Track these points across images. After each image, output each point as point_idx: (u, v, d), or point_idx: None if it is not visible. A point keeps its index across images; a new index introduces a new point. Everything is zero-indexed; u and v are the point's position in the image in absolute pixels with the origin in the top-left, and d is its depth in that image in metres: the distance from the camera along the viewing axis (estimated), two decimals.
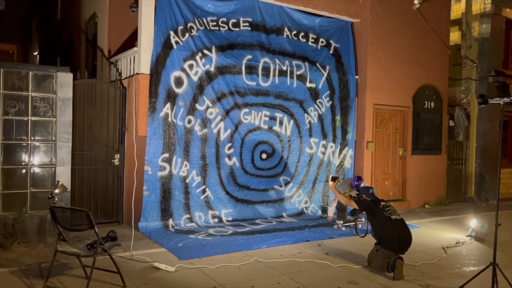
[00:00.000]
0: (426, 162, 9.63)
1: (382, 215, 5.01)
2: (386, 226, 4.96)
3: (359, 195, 5.45)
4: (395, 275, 4.62)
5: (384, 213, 5.02)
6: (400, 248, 4.91)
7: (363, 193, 5.42)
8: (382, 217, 5.00)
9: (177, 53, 6.77)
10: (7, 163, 5.54)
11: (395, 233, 4.90)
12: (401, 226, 4.99)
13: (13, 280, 4.32)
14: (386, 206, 5.11)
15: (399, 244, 4.90)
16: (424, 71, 9.53)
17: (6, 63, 5.82)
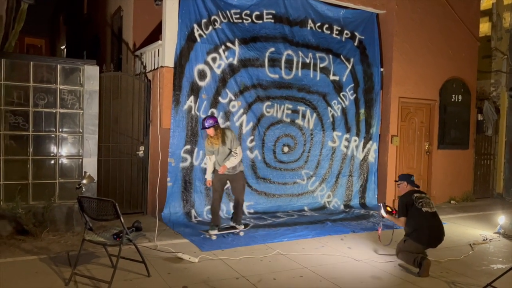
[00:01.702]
0: (453, 157, 9.40)
1: (413, 206, 4.90)
2: (415, 218, 4.85)
3: (399, 182, 5.24)
4: (420, 272, 4.55)
5: (416, 204, 4.90)
6: (429, 242, 4.81)
7: (404, 179, 5.20)
8: (414, 208, 4.89)
9: (201, 46, 6.80)
10: (36, 154, 5.71)
11: (424, 226, 4.78)
12: (432, 219, 4.86)
13: (43, 267, 4.47)
14: (419, 197, 4.97)
15: (429, 238, 4.78)
16: (452, 63, 9.26)
17: (35, 56, 5.99)
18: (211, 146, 5.79)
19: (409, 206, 4.94)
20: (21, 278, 4.13)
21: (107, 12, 10.42)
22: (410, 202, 4.95)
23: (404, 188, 5.17)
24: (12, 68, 5.61)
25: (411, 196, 5.00)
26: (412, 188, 5.14)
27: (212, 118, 5.69)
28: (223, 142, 5.72)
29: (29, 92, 5.64)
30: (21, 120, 5.59)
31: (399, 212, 5.03)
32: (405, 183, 5.18)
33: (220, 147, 5.75)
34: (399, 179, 5.30)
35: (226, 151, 5.79)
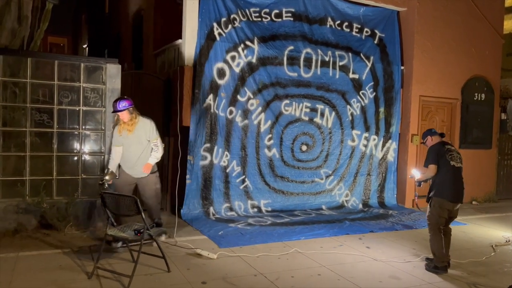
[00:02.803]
0: (475, 156, 9.22)
1: (444, 157, 4.83)
2: (442, 170, 4.80)
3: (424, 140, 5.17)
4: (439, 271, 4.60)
5: (446, 156, 4.83)
6: (451, 196, 4.75)
7: (427, 134, 5.13)
8: (443, 160, 4.82)
9: (220, 44, 6.85)
10: (60, 150, 5.85)
11: (450, 181, 4.75)
12: (458, 174, 4.85)
13: (66, 260, 4.59)
14: (449, 150, 4.90)
15: (451, 191, 4.75)
16: (475, 61, 9.08)
17: (60, 55, 6.13)
18: (121, 135, 4.96)
19: (440, 156, 4.86)
20: (47, 271, 4.26)
21: (128, 12, 10.58)
22: (441, 152, 4.87)
23: (430, 142, 5.08)
24: (38, 67, 5.76)
25: (442, 147, 4.92)
26: (440, 139, 5.04)
27: (126, 100, 4.94)
28: (138, 130, 4.91)
29: (53, 90, 5.78)
30: (46, 118, 5.74)
31: (429, 160, 4.91)
32: (429, 137, 5.09)
33: (134, 137, 4.95)
34: (422, 138, 5.23)
35: (141, 143, 4.94)
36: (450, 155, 4.85)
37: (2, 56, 5.55)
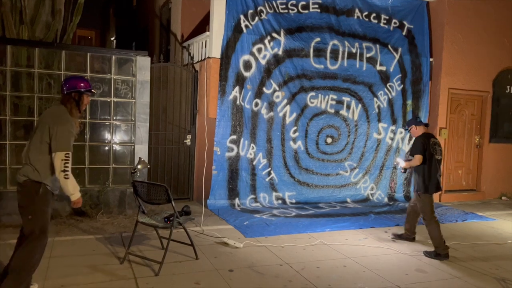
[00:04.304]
0: (506, 151, 8.99)
1: (428, 150, 5.03)
2: (428, 163, 5.01)
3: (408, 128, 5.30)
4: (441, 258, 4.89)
5: (431, 149, 5.03)
6: (435, 188, 5.03)
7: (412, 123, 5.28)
8: (428, 153, 5.03)
9: (247, 37, 6.89)
10: (92, 140, 6.06)
11: (434, 174, 5.01)
12: (439, 166, 5.10)
13: (99, 246, 4.78)
14: (434, 143, 5.10)
15: (435, 185, 5.02)
16: (507, 53, 8.81)
17: (92, 47, 6.31)
18: None
19: (426, 148, 5.05)
20: (80, 255, 4.45)
21: (156, 4, 10.73)
22: (427, 145, 5.06)
23: (415, 131, 5.23)
24: (71, 59, 5.96)
25: (428, 139, 5.11)
26: (425, 130, 5.24)
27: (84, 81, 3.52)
28: None
29: None
30: None
31: (417, 150, 5.05)
32: (414, 127, 5.24)
33: None
34: (407, 125, 5.36)
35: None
36: (434, 149, 5.04)
37: (38, 49, 5.76)
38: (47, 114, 3.42)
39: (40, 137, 3.27)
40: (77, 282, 3.78)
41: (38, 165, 3.25)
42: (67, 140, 3.26)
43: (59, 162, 3.21)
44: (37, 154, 3.27)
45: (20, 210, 3.29)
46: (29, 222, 3.25)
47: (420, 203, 5.12)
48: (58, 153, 3.21)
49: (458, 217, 7.04)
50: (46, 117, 3.35)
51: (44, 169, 3.26)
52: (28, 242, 3.26)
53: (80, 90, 3.43)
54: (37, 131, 3.32)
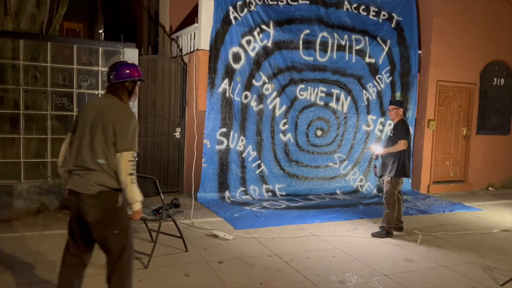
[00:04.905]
0: (492, 142, 9.11)
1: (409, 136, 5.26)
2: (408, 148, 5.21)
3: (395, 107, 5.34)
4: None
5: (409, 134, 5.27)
6: (408, 173, 5.29)
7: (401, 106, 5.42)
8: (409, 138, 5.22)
9: (236, 28, 6.85)
10: None
11: (409, 158, 5.25)
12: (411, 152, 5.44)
13: None
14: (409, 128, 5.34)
15: (408, 169, 5.28)
16: (495, 46, 8.89)
17: (78, 39, 6.25)
18: None
19: (409, 133, 5.26)
20: None
21: None
22: (408, 130, 5.28)
23: (398, 114, 5.33)
24: (57, 51, 5.87)
25: (408, 125, 5.35)
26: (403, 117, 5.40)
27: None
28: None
29: (73, 74, 5.90)
30: (66, 101, 5.87)
31: (402, 135, 5.18)
32: (400, 109, 5.35)
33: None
34: (395, 104, 5.41)
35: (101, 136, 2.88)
36: (409, 134, 5.29)
37: (23, 41, 5.66)
38: (103, 109, 2.79)
39: (104, 136, 2.72)
40: None
41: (112, 171, 2.74)
42: (135, 138, 2.78)
43: (126, 164, 2.69)
44: (107, 157, 2.73)
45: (97, 227, 2.76)
46: (117, 237, 2.79)
47: (388, 186, 5.22)
48: (125, 153, 2.70)
49: (446, 207, 7.14)
50: (105, 112, 2.76)
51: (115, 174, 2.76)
52: (124, 259, 2.83)
53: (134, 78, 2.91)
54: (96, 130, 2.73)
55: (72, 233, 2.88)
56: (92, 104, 2.92)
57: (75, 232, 2.87)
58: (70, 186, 2.77)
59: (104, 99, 2.94)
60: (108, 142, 2.72)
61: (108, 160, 2.73)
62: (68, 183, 2.80)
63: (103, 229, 2.77)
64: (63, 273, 2.90)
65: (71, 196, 2.79)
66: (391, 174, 5.20)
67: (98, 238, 2.80)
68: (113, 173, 2.74)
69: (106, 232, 2.77)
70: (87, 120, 2.79)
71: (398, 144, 5.15)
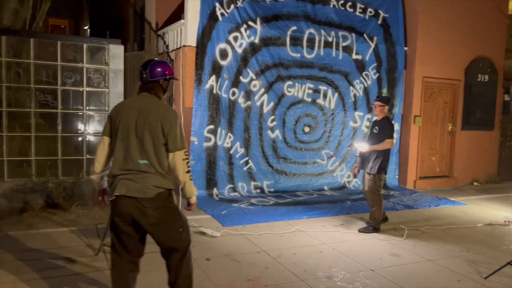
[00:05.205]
0: (477, 138, 9.24)
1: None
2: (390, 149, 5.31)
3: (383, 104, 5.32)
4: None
5: None
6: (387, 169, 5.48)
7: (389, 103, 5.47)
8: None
9: (222, 25, 6.82)
10: (65, 131, 5.91)
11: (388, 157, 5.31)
12: None
13: (73, 238, 4.70)
14: None
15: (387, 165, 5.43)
16: (479, 42, 9.01)
17: (62, 36, 6.16)
18: None
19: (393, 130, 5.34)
20: (54, 248, 4.36)
21: None
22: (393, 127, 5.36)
23: (383, 111, 5.34)
24: (40, 48, 5.78)
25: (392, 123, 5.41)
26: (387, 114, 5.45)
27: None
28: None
29: (57, 71, 5.81)
30: (50, 98, 5.79)
31: (389, 134, 5.23)
32: (386, 106, 5.37)
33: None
34: (383, 101, 5.37)
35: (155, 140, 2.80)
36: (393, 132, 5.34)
37: (5, 37, 5.56)
38: (146, 109, 2.71)
39: (152, 137, 2.67)
40: (51, 275, 3.71)
41: (164, 171, 2.71)
42: (183, 135, 2.77)
43: (182, 163, 2.70)
44: (160, 158, 2.69)
45: (159, 229, 2.73)
46: (181, 235, 2.81)
47: (370, 183, 5.24)
48: (177, 153, 2.69)
49: (432, 202, 7.23)
50: (149, 113, 2.69)
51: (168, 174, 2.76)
52: (187, 256, 2.88)
53: (166, 77, 2.86)
54: (144, 132, 2.66)
55: (121, 240, 2.80)
56: (130, 105, 2.79)
57: (127, 238, 2.78)
58: (122, 192, 2.64)
59: (142, 98, 2.82)
60: (157, 143, 2.68)
61: (160, 161, 2.69)
62: (117, 188, 2.65)
63: (167, 229, 2.76)
64: (121, 282, 2.87)
65: (121, 201, 2.67)
66: (372, 171, 5.20)
67: (162, 239, 2.79)
68: (166, 174, 2.72)
69: (170, 232, 2.77)
70: (129, 122, 2.69)
71: (385, 142, 5.17)
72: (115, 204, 2.69)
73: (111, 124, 2.78)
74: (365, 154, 5.31)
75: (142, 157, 2.67)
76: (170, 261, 2.85)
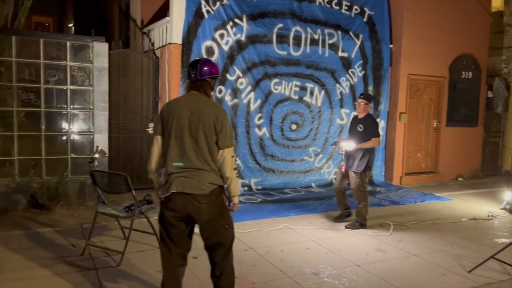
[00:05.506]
0: (461, 134, 9.37)
1: None
2: None
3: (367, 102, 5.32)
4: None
5: None
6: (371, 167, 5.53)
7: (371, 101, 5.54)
8: None
9: (208, 22, 6.78)
10: (49, 130, 5.82)
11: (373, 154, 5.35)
12: None
13: (58, 238, 4.63)
14: None
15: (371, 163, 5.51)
16: (463, 40, 9.13)
17: (45, 33, 6.06)
18: None
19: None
20: (38, 248, 4.30)
21: None
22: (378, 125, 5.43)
23: (366, 109, 5.33)
24: (23, 45, 5.68)
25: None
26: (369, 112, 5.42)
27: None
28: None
29: (40, 69, 5.71)
30: (32, 97, 5.69)
31: (376, 132, 5.25)
32: (369, 104, 5.37)
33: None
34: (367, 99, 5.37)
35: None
36: None
37: None
38: (198, 108, 2.77)
39: (205, 136, 2.74)
40: (35, 275, 3.66)
41: (217, 168, 2.80)
42: (232, 133, 2.86)
43: (230, 160, 2.79)
44: (212, 155, 2.77)
45: (210, 224, 2.82)
46: (228, 231, 2.90)
47: (356, 181, 5.25)
48: (227, 150, 2.77)
49: (417, 198, 7.31)
50: (202, 112, 2.75)
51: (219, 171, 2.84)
52: (231, 251, 2.98)
53: (213, 75, 2.94)
54: (198, 131, 2.73)
55: (170, 234, 2.87)
56: (181, 104, 2.84)
57: (177, 232, 2.87)
58: (179, 189, 2.73)
59: (191, 97, 2.88)
60: (211, 141, 2.75)
61: (213, 158, 2.77)
62: (173, 186, 2.74)
63: (216, 225, 2.84)
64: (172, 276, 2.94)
65: (176, 198, 2.75)
66: (359, 169, 5.23)
67: (210, 234, 2.87)
68: (218, 171, 2.80)
69: (218, 228, 2.85)
70: (182, 121, 2.76)
71: (373, 141, 5.19)
72: (169, 200, 2.76)
73: (163, 123, 2.85)
74: (350, 153, 5.29)
75: (197, 156, 2.74)
76: (215, 256, 2.92)
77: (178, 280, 2.96)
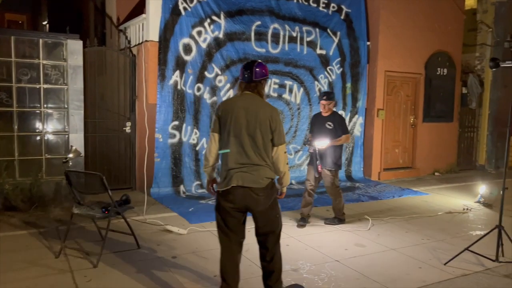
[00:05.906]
0: (437, 129, 9.56)
1: None
2: None
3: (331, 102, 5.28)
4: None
5: None
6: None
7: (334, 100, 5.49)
8: None
9: (186, 19, 6.71)
10: (22, 130, 5.67)
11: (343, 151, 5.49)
12: None
13: (32, 241, 4.51)
14: None
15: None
16: (438, 37, 9.31)
17: (16, 30, 5.90)
18: None
19: None
20: (12, 251, 4.18)
21: None
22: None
23: (330, 107, 5.34)
24: None
25: None
26: None
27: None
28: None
29: (11, 68, 5.55)
30: (4, 96, 5.53)
31: (346, 129, 5.36)
32: (333, 102, 5.41)
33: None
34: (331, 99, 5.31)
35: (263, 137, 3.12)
36: None
37: None
38: (255, 109, 3.00)
39: (262, 134, 2.99)
40: (9, 279, 3.55)
41: (271, 163, 3.08)
42: (284, 131, 3.20)
43: (283, 155, 3.09)
44: (267, 151, 3.04)
45: (264, 214, 3.08)
46: (278, 220, 3.18)
47: (331, 178, 5.29)
48: (280, 147, 3.07)
49: (395, 193, 7.43)
50: (258, 112, 2.99)
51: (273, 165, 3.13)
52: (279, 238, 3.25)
53: (265, 77, 3.17)
54: (256, 130, 2.97)
55: (228, 224, 3.08)
56: (239, 104, 3.05)
57: (235, 222, 3.08)
58: (239, 183, 2.96)
59: (246, 97, 3.10)
60: (266, 139, 3.01)
61: (267, 154, 3.03)
62: (233, 180, 2.96)
63: (269, 215, 3.10)
64: (231, 264, 3.16)
65: (236, 191, 2.97)
66: (334, 167, 5.28)
67: (264, 223, 3.12)
68: (272, 165, 3.08)
69: (270, 217, 3.12)
70: (240, 120, 2.99)
71: (344, 137, 5.24)
72: (228, 192, 2.99)
73: (220, 121, 3.07)
74: (322, 151, 5.22)
75: (255, 152, 3.00)
76: (267, 243, 3.19)
77: (237, 267, 3.19)
